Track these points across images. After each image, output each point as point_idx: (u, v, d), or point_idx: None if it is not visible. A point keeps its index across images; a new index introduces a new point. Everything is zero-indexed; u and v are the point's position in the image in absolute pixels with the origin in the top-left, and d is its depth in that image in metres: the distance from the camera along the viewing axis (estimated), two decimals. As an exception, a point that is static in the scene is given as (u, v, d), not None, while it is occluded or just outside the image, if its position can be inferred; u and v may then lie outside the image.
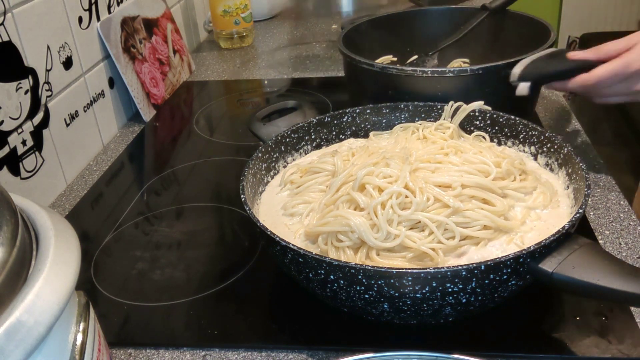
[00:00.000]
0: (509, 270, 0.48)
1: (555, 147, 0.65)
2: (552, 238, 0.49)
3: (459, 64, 0.97)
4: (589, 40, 2.29)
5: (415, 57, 0.99)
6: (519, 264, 0.48)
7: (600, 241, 0.65)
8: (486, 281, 0.48)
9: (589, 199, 0.72)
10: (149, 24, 1.11)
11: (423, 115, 0.75)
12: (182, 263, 0.67)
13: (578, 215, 0.52)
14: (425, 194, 0.55)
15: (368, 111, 0.76)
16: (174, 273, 0.66)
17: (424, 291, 0.48)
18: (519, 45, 0.83)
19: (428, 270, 0.47)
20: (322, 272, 0.50)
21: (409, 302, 0.49)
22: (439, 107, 0.74)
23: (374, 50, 0.99)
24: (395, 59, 1.00)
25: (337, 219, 0.56)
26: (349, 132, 0.76)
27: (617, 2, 2.45)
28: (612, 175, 0.77)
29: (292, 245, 0.51)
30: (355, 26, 0.97)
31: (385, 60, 1.00)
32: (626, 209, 0.70)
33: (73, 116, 0.88)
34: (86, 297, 0.41)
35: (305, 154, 0.74)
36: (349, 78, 0.94)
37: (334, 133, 0.76)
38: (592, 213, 0.70)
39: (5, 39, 0.73)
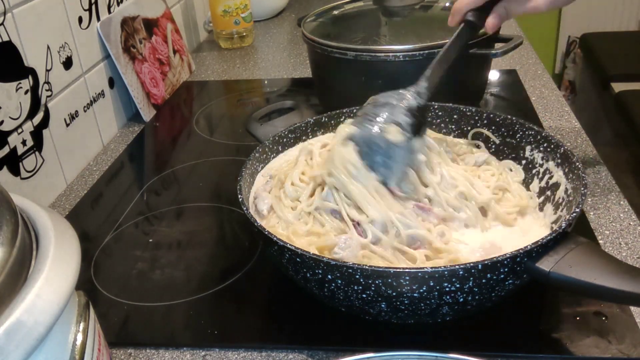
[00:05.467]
0: (506, 269, 0.48)
1: (552, 146, 0.65)
2: (549, 237, 0.49)
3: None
4: (589, 40, 2.29)
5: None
6: (516, 263, 0.48)
7: (600, 241, 0.65)
8: (483, 280, 0.48)
9: (589, 199, 0.72)
10: (149, 24, 1.11)
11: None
12: (182, 263, 0.67)
13: (575, 214, 0.52)
14: None
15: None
16: (174, 273, 0.66)
17: (421, 290, 0.48)
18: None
19: (425, 269, 0.47)
20: (320, 271, 0.50)
21: (406, 302, 0.49)
22: (435, 106, 0.74)
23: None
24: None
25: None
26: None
27: (617, 2, 2.45)
28: (612, 175, 0.77)
29: (290, 245, 0.51)
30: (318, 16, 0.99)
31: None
32: (626, 209, 0.70)
33: (73, 116, 0.88)
34: (86, 297, 0.41)
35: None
36: (316, 70, 0.94)
37: (332, 133, 0.76)
38: (592, 213, 0.70)
39: (5, 39, 0.73)
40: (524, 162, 0.69)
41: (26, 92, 0.77)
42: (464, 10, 0.68)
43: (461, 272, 0.47)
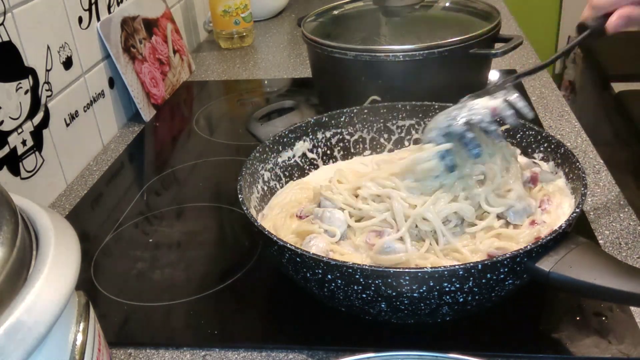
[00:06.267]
0: (506, 269, 0.48)
1: (553, 146, 0.65)
2: (549, 237, 0.49)
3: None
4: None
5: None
6: (516, 263, 0.48)
7: (600, 241, 0.65)
8: (483, 280, 0.48)
9: (589, 199, 0.72)
10: (149, 24, 1.11)
11: (421, 115, 0.75)
12: (182, 263, 0.67)
13: (575, 214, 0.52)
14: None
15: (365, 111, 0.76)
16: (174, 273, 0.66)
17: (421, 290, 0.48)
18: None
19: (425, 269, 0.47)
20: (320, 271, 0.50)
21: (406, 302, 0.49)
22: (436, 107, 0.74)
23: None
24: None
25: None
26: (346, 132, 0.76)
27: (617, 1, 2.44)
28: (612, 175, 0.77)
29: (290, 245, 0.51)
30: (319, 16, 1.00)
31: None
32: (626, 209, 0.70)
33: (73, 116, 0.88)
34: (86, 297, 0.41)
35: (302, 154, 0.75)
36: (316, 70, 0.94)
37: (331, 133, 0.76)
38: (592, 213, 0.70)
39: (5, 39, 0.73)
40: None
41: (26, 92, 0.77)
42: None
43: (461, 272, 0.47)
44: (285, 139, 0.72)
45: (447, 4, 1.00)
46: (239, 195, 0.59)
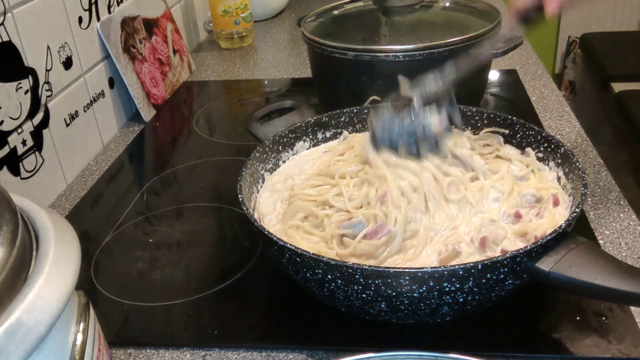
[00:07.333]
0: (506, 269, 0.48)
1: (552, 146, 0.65)
2: (549, 237, 0.49)
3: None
4: (589, 40, 2.29)
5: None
6: (516, 263, 0.48)
7: (601, 241, 0.65)
8: (483, 280, 0.48)
9: (589, 199, 0.72)
10: (149, 24, 1.11)
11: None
12: (182, 263, 0.67)
13: (575, 214, 0.52)
14: None
15: (366, 111, 0.76)
16: (174, 273, 0.66)
17: (421, 290, 0.48)
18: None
19: (425, 269, 0.47)
20: (320, 271, 0.50)
21: (406, 302, 0.49)
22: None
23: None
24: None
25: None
26: (346, 132, 0.76)
27: (617, 2, 2.45)
28: (612, 175, 0.77)
29: (290, 245, 0.51)
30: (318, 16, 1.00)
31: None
32: (626, 209, 0.70)
33: (73, 116, 0.88)
34: (86, 297, 0.41)
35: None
36: (316, 70, 0.94)
37: (332, 133, 0.76)
38: (592, 213, 0.70)
39: (5, 39, 0.73)
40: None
41: (26, 92, 0.77)
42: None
43: (461, 272, 0.47)
44: (285, 139, 0.72)
45: (447, 4, 1.00)
46: (239, 195, 0.59)
